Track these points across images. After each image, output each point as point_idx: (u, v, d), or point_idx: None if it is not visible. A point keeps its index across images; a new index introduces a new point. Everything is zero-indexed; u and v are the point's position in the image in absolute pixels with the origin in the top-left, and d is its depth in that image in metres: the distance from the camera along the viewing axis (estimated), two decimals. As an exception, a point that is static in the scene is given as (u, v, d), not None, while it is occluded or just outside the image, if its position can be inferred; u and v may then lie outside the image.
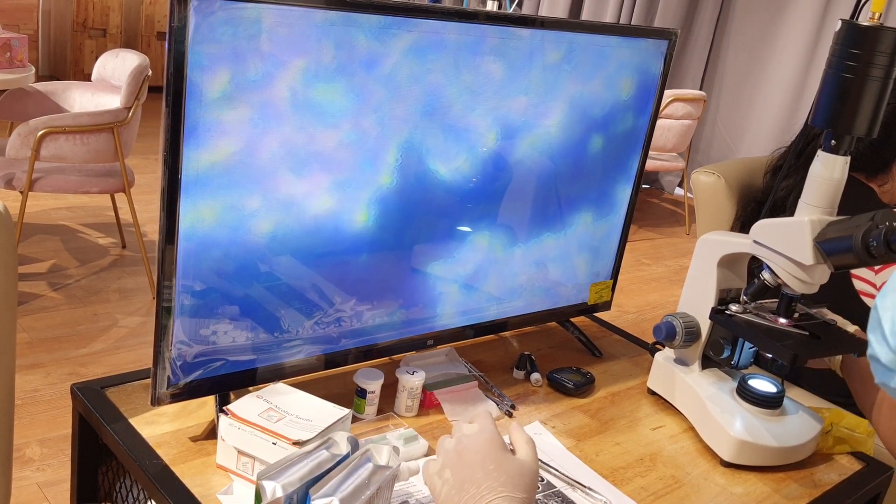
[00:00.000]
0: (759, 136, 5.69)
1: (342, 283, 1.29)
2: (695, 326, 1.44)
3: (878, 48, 1.19)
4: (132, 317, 3.16)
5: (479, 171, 1.38)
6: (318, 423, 1.12)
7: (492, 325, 1.56)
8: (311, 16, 1.11)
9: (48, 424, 2.44)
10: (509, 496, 0.88)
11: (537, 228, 1.52)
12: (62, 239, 3.84)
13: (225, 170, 1.11)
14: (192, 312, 1.15)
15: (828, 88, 1.24)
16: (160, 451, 1.17)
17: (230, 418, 1.12)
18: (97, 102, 3.51)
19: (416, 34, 1.21)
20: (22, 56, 3.52)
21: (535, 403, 1.46)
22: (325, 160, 1.19)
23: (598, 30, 1.44)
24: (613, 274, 1.72)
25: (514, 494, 0.88)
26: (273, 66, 1.10)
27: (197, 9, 1.01)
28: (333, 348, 1.33)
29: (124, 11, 6.77)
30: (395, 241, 1.33)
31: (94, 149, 3.12)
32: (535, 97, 1.40)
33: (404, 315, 1.40)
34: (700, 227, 1.99)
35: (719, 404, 1.38)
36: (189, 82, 1.04)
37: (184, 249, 1.11)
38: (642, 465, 1.33)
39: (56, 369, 2.73)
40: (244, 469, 1.13)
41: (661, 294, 4.22)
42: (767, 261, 1.32)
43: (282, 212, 1.18)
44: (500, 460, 0.92)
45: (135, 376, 1.33)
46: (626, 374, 1.61)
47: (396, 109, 1.24)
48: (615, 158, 1.58)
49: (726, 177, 1.93)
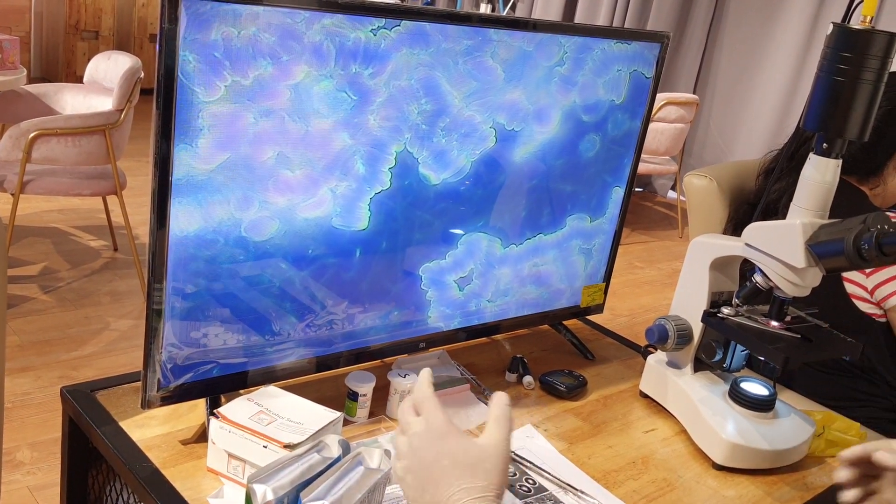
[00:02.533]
0: (751, 139, 5.70)
1: (334, 285, 1.29)
2: (687, 329, 1.44)
3: (869, 51, 1.19)
4: (123, 320, 3.15)
5: (472, 174, 1.38)
6: (309, 426, 1.12)
7: (484, 328, 1.56)
8: (301, 18, 1.11)
9: (38, 428, 2.43)
10: (467, 488, 0.87)
11: (530, 231, 1.52)
12: (53, 241, 3.83)
13: (216, 172, 1.10)
14: (183, 315, 1.15)
15: (819, 91, 1.24)
16: (150, 454, 1.16)
17: (221, 421, 1.11)
18: (89, 104, 3.50)
19: (409, 36, 1.21)
20: (14, 58, 3.51)
21: (528, 406, 1.46)
22: (316, 163, 1.19)
23: (590, 33, 1.44)
24: (606, 277, 1.72)
25: (473, 484, 0.87)
26: (264, 68, 1.10)
27: (188, 10, 1.01)
28: (325, 351, 1.33)
29: (117, 14, 6.76)
30: (387, 243, 1.32)
31: (85, 151, 3.11)
32: (529, 100, 1.40)
33: (396, 318, 1.40)
34: (692, 230, 1.99)
35: (711, 407, 1.38)
36: (180, 84, 1.03)
37: (174, 252, 1.11)
38: (634, 468, 1.33)
39: (46, 372, 2.72)
40: (235, 472, 1.12)
41: (653, 297, 4.22)
42: (759, 264, 1.32)
43: (273, 214, 1.18)
44: (454, 453, 0.90)
45: (125, 379, 1.32)
46: (619, 378, 1.61)
47: (389, 111, 1.24)
48: (608, 161, 1.58)
49: (718, 180, 1.93)
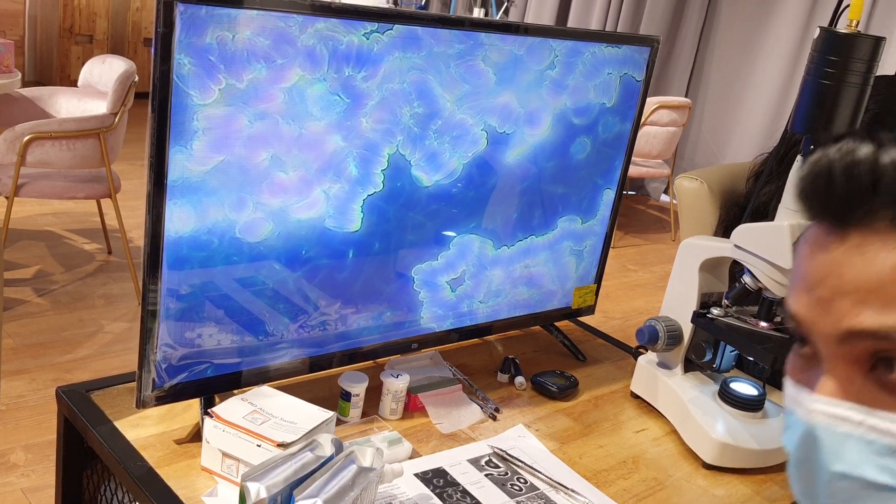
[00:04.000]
0: (743, 142, 5.72)
1: (327, 286, 1.30)
2: (677, 330, 1.45)
3: (855, 55, 1.21)
4: (118, 322, 3.15)
5: (464, 176, 1.39)
6: (302, 425, 1.13)
7: (476, 329, 1.57)
8: (295, 21, 1.12)
9: (33, 430, 2.43)
10: None
11: (521, 233, 1.54)
12: (48, 244, 3.83)
13: (210, 174, 1.11)
14: (178, 316, 1.16)
15: (806, 95, 1.26)
16: (145, 453, 1.17)
17: (215, 421, 1.12)
18: (83, 108, 3.51)
19: (401, 40, 1.23)
20: (8, 62, 3.51)
21: (520, 407, 1.47)
22: (310, 165, 1.20)
23: (581, 37, 1.46)
24: (597, 278, 1.73)
25: None
26: (258, 71, 1.11)
27: (183, 14, 1.02)
28: (318, 351, 1.34)
29: (111, 18, 6.76)
30: (380, 244, 1.34)
31: (80, 154, 3.11)
32: (520, 103, 1.41)
33: (389, 318, 1.41)
34: (684, 233, 2.01)
35: (701, 407, 1.39)
36: (175, 87, 1.05)
37: (169, 253, 1.12)
38: (625, 467, 1.34)
39: (41, 375, 2.72)
40: (229, 471, 1.13)
41: (646, 300, 4.24)
42: (748, 265, 1.33)
43: (267, 216, 1.19)
44: None
45: (120, 379, 1.33)
46: (610, 378, 1.63)
47: (382, 114, 1.25)
48: (599, 163, 1.60)
49: (709, 182, 1.95)
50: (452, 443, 1.33)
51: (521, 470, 1.27)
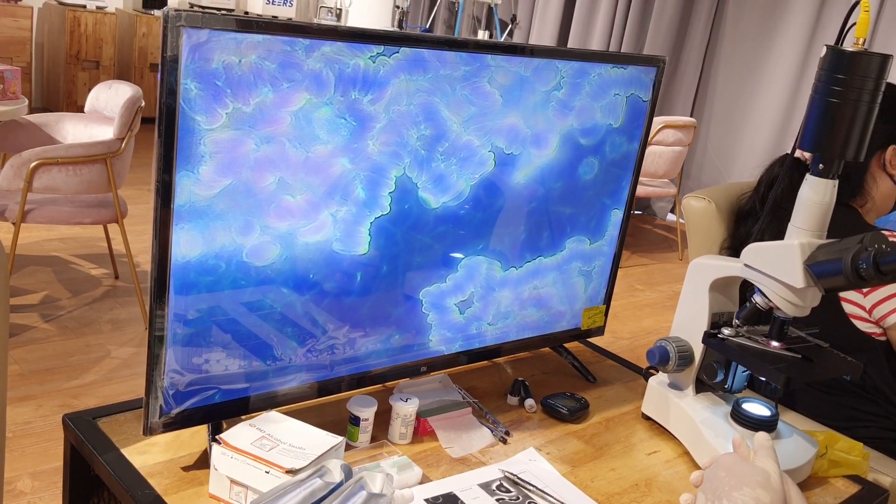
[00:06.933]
0: (749, 160, 5.72)
1: (335, 310, 1.29)
2: (688, 350, 1.44)
3: (862, 73, 1.21)
4: (125, 348, 3.15)
5: (471, 198, 1.39)
6: (311, 451, 1.12)
7: (485, 352, 1.56)
8: (301, 46, 1.12)
9: (40, 457, 2.42)
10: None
11: (529, 254, 1.53)
12: (54, 270, 3.83)
13: (217, 198, 1.11)
14: (185, 341, 1.15)
15: (814, 113, 1.25)
16: (152, 480, 1.16)
17: (223, 447, 1.11)
18: (90, 134, 3.52)
19: (407, 63, 1.23)
20: (15, 88, 3.53)
21: (530, 429, 1.46)
22: (317, 188, 1.20)
23: (587, 57, 1.46)
24: (606, 299, 1.72)
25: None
26: (265, 95, 1.11)
27: (189, 39, 1.02)
28: (326, 376, 1.33)
29: (117, 44, 6.81)
30: (387, 267, 1.33)
31: (86, 180, 3.12)
32: (527, 124, 1.41)
33: (397, 342, 1.40)
34: (692, 252, 2.00)
35: (713, 428, 1.38)
36: (182, 112, 1.05)
37: (176, 278, 1.11)
38: (637, 490, 1.32)
39: (48, 401, 2.71)
40: (237, 498, 1.12)
41: (655, 320, 4.22)
42: (759, 284, 1.32)
43: (274, 239, 1.18)
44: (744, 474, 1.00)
45: (127, 406, 1.32)
46: (621, 400, 1.61)
47: (389, 137, 1.25)
48: (606, 183, 1.59)
49: (717, 201, 1.94)
50: (463, 467, 1.31)
51: (532, 494, 1.26)
